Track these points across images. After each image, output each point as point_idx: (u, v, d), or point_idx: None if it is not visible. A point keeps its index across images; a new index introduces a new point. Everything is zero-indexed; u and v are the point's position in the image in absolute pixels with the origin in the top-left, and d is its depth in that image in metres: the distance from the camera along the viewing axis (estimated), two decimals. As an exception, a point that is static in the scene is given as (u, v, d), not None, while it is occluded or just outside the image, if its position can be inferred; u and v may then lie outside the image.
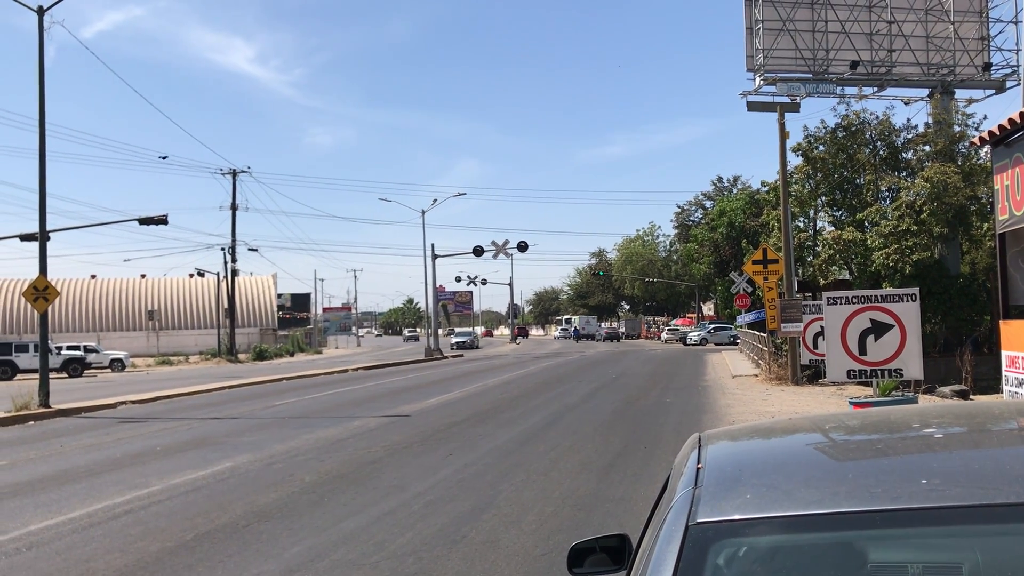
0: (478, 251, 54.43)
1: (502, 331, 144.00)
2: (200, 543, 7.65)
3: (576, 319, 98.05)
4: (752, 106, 28.90)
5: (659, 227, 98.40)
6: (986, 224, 31.99)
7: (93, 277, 77.21)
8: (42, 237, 22.17)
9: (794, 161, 35.69)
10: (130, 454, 13.47)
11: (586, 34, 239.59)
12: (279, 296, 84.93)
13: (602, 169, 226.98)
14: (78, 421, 19.26)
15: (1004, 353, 11.38)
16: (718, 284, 61.50)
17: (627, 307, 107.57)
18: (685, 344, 63.36)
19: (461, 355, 55.78)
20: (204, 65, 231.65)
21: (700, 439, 2.34)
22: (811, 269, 35.58)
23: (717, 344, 59.42)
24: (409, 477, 10.57)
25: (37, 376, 21.92)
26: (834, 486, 1.81)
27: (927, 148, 35.63)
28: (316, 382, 30.93)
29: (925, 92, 36.63)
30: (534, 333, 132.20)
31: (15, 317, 68.95)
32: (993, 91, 36.55)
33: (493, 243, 55.47)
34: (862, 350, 10.67)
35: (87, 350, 47.53)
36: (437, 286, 60.39)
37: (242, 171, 59.19)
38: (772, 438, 2.54)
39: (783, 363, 25.60)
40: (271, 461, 12.18)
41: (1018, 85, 35.95)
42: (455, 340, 69.56)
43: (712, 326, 65.57)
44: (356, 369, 39.02)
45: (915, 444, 2.24)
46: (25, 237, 27.09)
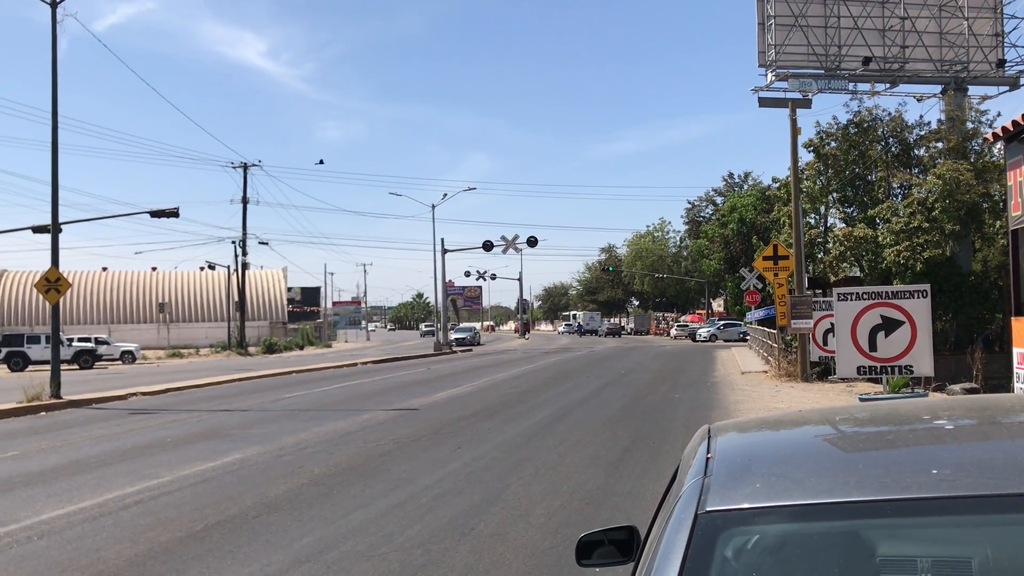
0: (488, 246, 54.43)
1: (508, 326, 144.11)
2: (210, 533, 7.69)
3: (580, 315, 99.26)
4: (764, 102, 28.82)
5: (669, 223, 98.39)
6: (998, 221, 31.81)
7: (104, 269, 77.55)
8: (54, 229, 22.27)
9: (805, 157, 35.58)
10: (140, 445, 13.53)
11: (598, 29, 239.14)
12: (289, 290, 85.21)
13: (613, 164, 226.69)
14: (89, 412, 19.36)
15: (1016, 350, 11.33)
16: (728, 280, 61.38)
17: (636, 303, 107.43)
18: (694, 340, 63.25)
19: (469, 350, 55.82)
20: (215, 59, 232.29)
21: (709, 431, 2.34)
22: (822, 266, 35.47)
23: (727, 340, 59.28)
24: (418, 470, 10.59)
25: (48, 367, 22.05)
26: (844, 475, 1.81)
27: (939, 145, 35.43)
28: (326, 375, 31.01)
29: (938, 89, 36.41)
30: (542, 328, 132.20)
31: (27, 309, 69.32)
32: (1007, 88, 36.28)
33: (503, 238, 55.44)
34: (872, 346, 10.63)
35: (98, 342, 47.77)
36: (446, 281, 60.43)
37: (253, 165, 59.30)
38: (781, 429, 2.53)
39: (793, 360, 25.54)
40: (281, 453, 12.22)
41: (1032, 82, 35.75)
42: (454, 336, 64.83)
43: (722, 322, 65.42)
44: (365, 363, 39.10)
45: (925, 435, 2.24)
46: (37, 229, 27.23)
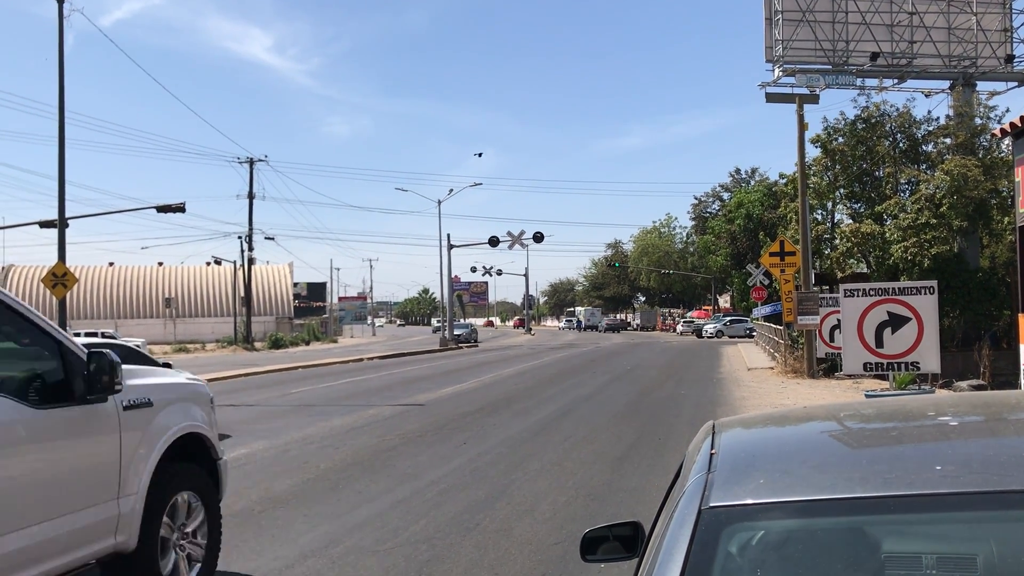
0: (494, 241, 54.45)
1: (509, 322, 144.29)
2: (216, 528, 7.70)
3: (581, 311, 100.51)
4: (771, 97, 28.78)
5: (676, 219, 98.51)
6: (1006, 218, 31.70)
7: (111, 264, 77.77)
8: (61, 224, 22.35)
9: (813, 153, 35.44)
10: (147, 440, 13.56)
11: (604, 24, 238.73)
12: (295, 285, 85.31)
13: (619, 160, 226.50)
14: (96, 407, 19.40)
15: (1023, 347, 11.30)
16: (734, 276, 61.29)
17: (643, 299, 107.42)
18: (700, 336, 63.23)
19: (475, 346, 55.84)
20: (222, 54, 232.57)
21: (714, 426, 2.34)
22: (828, 262, 35.36)
23: (733, 337, 59.24)
24: (423, 465, 10.61)
25: (56, 362, 22.12)
26: (848, 472, 1.81)
27: (948, 141, 35.29)
28: (332, 371, 31.06)
29: (946, 84, 36.25)
30: (548, 324, 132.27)
31: (34, 303, 69.49)
32: (1016, 83, 36.11)
33: (509, 233, 55.44)
34: (879, 343, 10.60)
35: (105, 337, 47.95)
36: (452, 276, 60.44)
37: (259, 160, 59.39)
38: (786, 425, 2.53)
39: (799, 356, 25.50)
40: (286, 448, 12.25)
41: (1041, 77, 35.59)
42: (456, 332, 60.72)
43: (728, 318, 65.39)
44: (371, 358, 39.15)
45: (930, 432, 2.23)
46: (44, 224, 27.34)
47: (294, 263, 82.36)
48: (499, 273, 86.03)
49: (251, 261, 59.28)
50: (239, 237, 59.15)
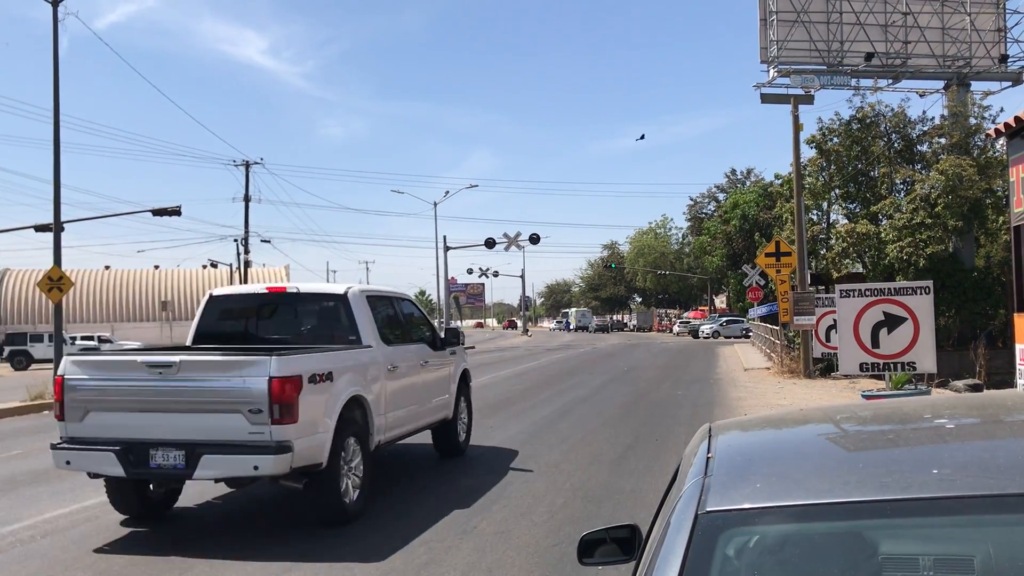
0: (490, 243, 54.43)
1: (494, 324, 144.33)
2: (213, 531, 7.70)
3: (573, 312, 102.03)
4: (766, 98, 28.77)
5: (672, 219, 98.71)
6: (1001, 217, 31.76)
7: (107, 268, 77.63)
8: (56, 228, 22.30)
9: (808, 153, 35.52)
10: (144, 443, 13.53)
11: (600, 26, 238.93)
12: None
13: (615, 161, 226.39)
14: (92, 411, 19.35)
15: (1019, 347, 11.32)
16: (730, 277, 61.34)
17: (639, 300, 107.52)
18: (697, 337, 63.28)
19: (472, 347, 55.72)
20: (217, 57, 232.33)
21: (710, 429, 2.34)
22: (824, 262, 35.42)
23: (729, 337, 59.30)
24: (420, 469, 10.59)
25: (52, 366, 22.09)
26: (844, 475, 1.81)
27: (942, 140, 35.35)
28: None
29: (941, 84, 36.32)
30: (544, 325, 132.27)
31: (30, 307, 69.40)
32: (1010, 83, 36.18)
33: (505, 235, 55.42)
34: (875, 343, 10.62)
35: (101, 340, 47.89)
36: (449, 278, 60.43)
37: (255, 163, 59.21)
38: (782, 428, 2.53)
39: (795, 356, 25.53)
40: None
41: (1035, 77, 35.66)
42: None
43: (724, 319, 65.45)
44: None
45: (926, 435, 2.24)
46: (40, 228, 27.26)
47: (290, 265, 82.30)
48: (495, 275, 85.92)
49: (247, 264, 59.20)
50: (235, 240, 59.08)
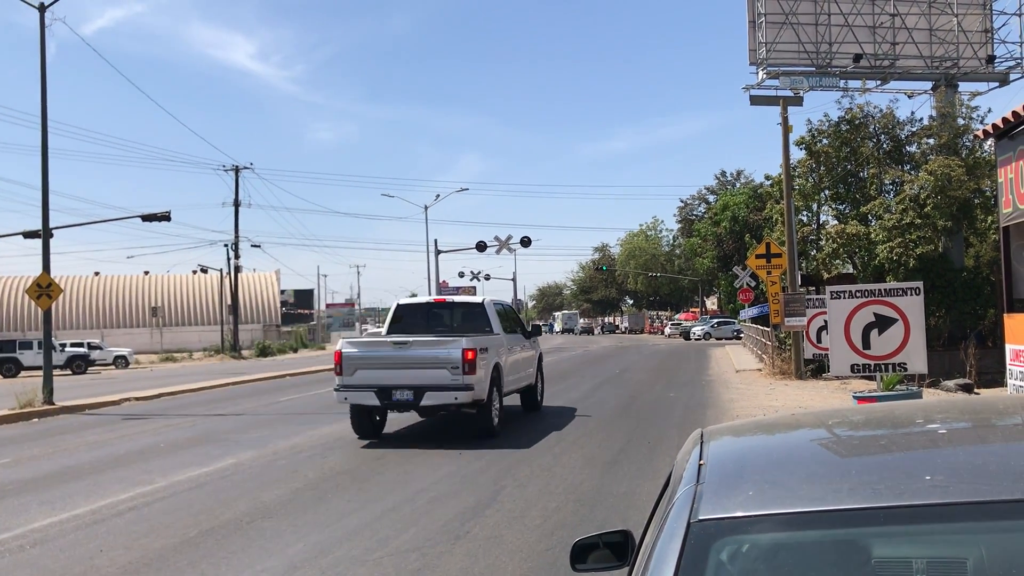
0: (481, 247, 54.43)
1: None
2: (203, 540, 7.67)
3: (559, 316, 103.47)
4: (755, 100, 28.87)
5: (662, 221, 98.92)
6: (990, 217, 31.90)
7: (96, 274, 77.37)
8: (45, 234, 22.19)
9: (797, 155, 35.58)
10: (134, 451, 13.49)
11: (589, 28, 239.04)
12: (282, 292, 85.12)
13: (605, 164, 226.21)
14: (82, 418, 19.28)
15: (1008, 347, 11.36)
16: (721, 278, 61.46)
17: (630, 302, 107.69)
18: (688, 339, 63.38)
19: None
20: (205, 61, 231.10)
21: (702, 435, 2.33)
22: (814, 263, 35.50)
23: (720, 339, 59.40)
24: (412, 473, 10.57)
25: (41, 373, 21.96)
26: (837, 483, 1.80)
27: (931, 141, 35.50)
28: (319, 378, 30.94)
29: (929, 85, 36.47)
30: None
31: (19, 314, 69.09)
32: (997, 84, 36.36)
33: (496, 238, 55.47)
34: (866, 344, 10.63)
35: (91, 347, 47.64)
36: (440, 282, 60.40)
37: (245, 167, 59.19)
38: (774, 434, 2.52)
39: (787, 357, 25.58)
40: (275, 457, 12.19)
41: (1022, 78, 35.85)
42: None
43: (715, 320, 65.57)
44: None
45: (919, 440, 2.23)
46: (28, 234, 27.12)
47: (281, 270, 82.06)
48: (487, 278, 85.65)
49: (238, 269, 59.04)
50: (225, 245, 58.95)
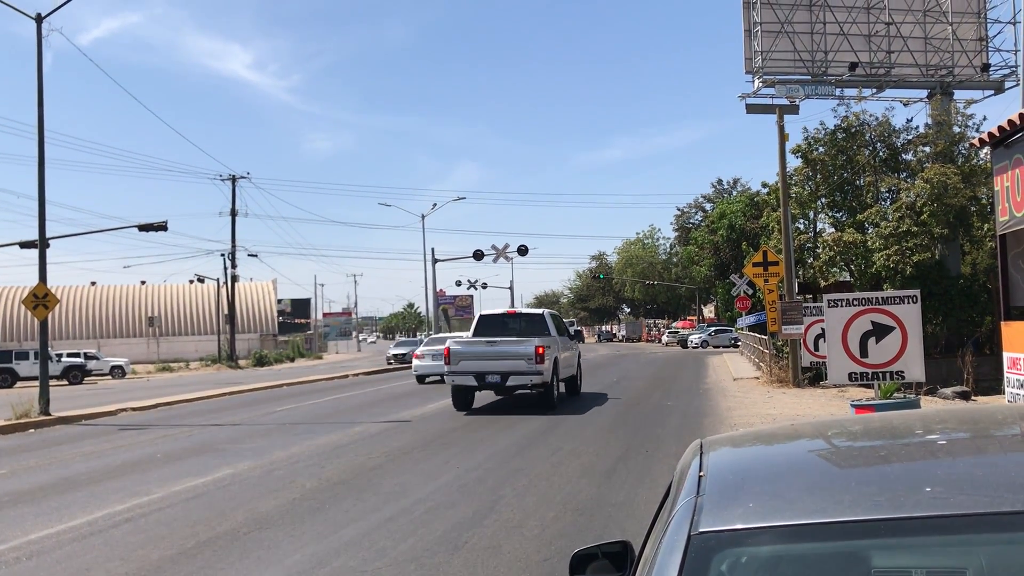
0: (478, 255, 54.38)
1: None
2: (201, 550, 7.63)
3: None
4: (751, 108, 28.92)
5: (659, 230, 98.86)
6: (987, 225, 31.99)
7: (93, 284, 77.27)
8: (41, 244, 22.16)
9: (794, 163, 35.72)
10: (131, 461, 13.44)
11: (585, 37, 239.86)
12: (279, 301, 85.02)
13: (602, 172, 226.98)
14: (79, 428, 19.23)
15: (1006, 355, 11.37)
16: (718, 286, 61.50)
17: (628, 310, 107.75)
18: (686, 347, 63.37)
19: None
20: (202, 71, 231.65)
21: (702, 446, 2.32)
22: (812, 271, 35.56)
23: (718, 347, 59.41)
24: (410, 483, 10.54)
25: (37, 384, 21.91)
26: (837, 494, 1.80)
27: (927, 149, 35.62)
28: (317, 388, 30.91)
29: (924, 93, 36.62)
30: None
31: (15, 324, 68.96)
32: (992, 92, 36.54)
33: (493, 247, 55.37)
34: (863, 352, 10.64)
35: (87, 357, 47.55)
36: (437, 290, 60.37)
37: (242, 177, 59.28)
38: (774, 444, 2.52)
39: (784, 365, 25.58)
40: (272, 468, 12.15)
41: (1017, 86, 35.95)
42: (393, 351, 48.06)
43: (713, 329, 65.59)
44: (356, 375, 39.00)
45: (918, 451, 2.23)
46: (25, 244, 27.08)
47: (278, 280, 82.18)
48: (484, 287, 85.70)
49: (234, 278, 59.03)
50: (222, 254, 58.97)
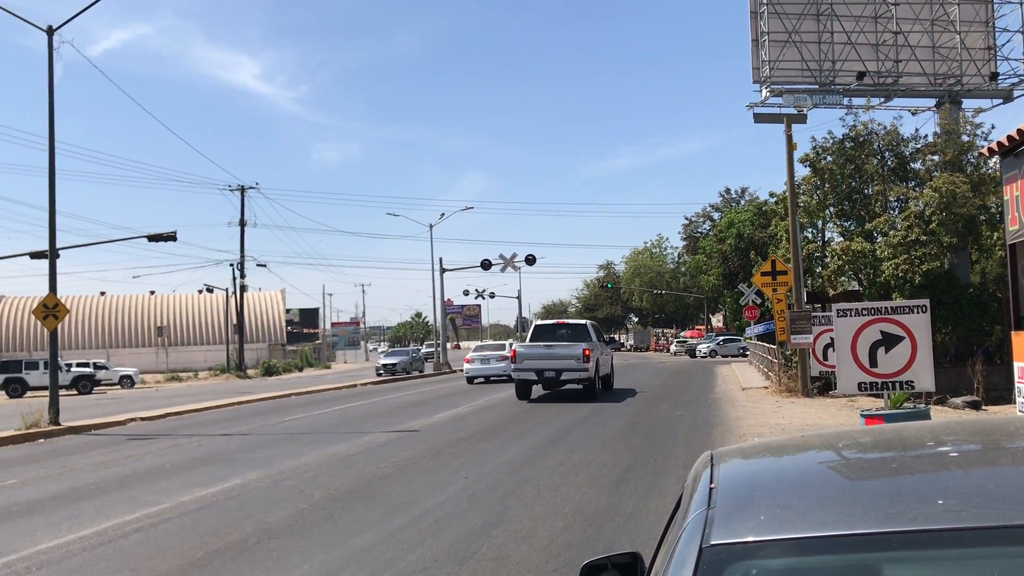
0: (486, 265, 54.46)
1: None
2: (210, 561, 7.64)
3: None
4: (759, 118, 28.93)
5: (667, 239, 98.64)
6: (996, 233, 31.87)
7: (102, 294, 77.53)
8: (52, 255, 22.26)
9: (802, 172, 35.65)
10: (140, 471, 13.47)
11: (592, 47, 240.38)
12: (288, 311, 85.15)
13: (609, 182, 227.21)
14: (88, 438, 19.28)
15: (1016, 364, 11.32)
16: (727, 296, 61.42)
17: (636, 319, 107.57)
18: (694, 356, 63.23)
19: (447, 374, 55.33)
20: (210, 82, 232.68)
21: (712, 457, 2.32)
22: (820, 280, 35.47)
23: (726, 356, 59.27)
24: (419, 493, 10.54)
25: (47, 393, 21.97)
26: (849, 507, 1.79)
27: (935, 158, 35.53)
28: (325, 397, 30.93)
29: (932, 102, 36.56)
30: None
31: (25, 334, 69.21)
32: (1001, 100, 36.44)
33: (501, 256, 55.53)
34: (873, 362, 10.60)
35: (97, 367, 47.71)
36: (445, 300, 60.42)
37: (250, 187, 59.54)
38: (785, 456, 2.51)
39: (793, 375, 25.50)
40: (281, 478, 12.16)
41: (1025, 94, 35.92)
42: (383, 361, 47.85)
43: (721, 338, 65.45)
44: (364, 384, 39.01)
45: (931, 463, 2.22)
46: (35, 255, 27.22)
47: (286, 289, 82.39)
48: (492, 296, 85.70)
49: (243, 288, 59.19)
50: (231, 264, 59.20)
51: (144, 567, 7.52)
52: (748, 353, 48.52)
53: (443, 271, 55.78)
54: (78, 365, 46.08)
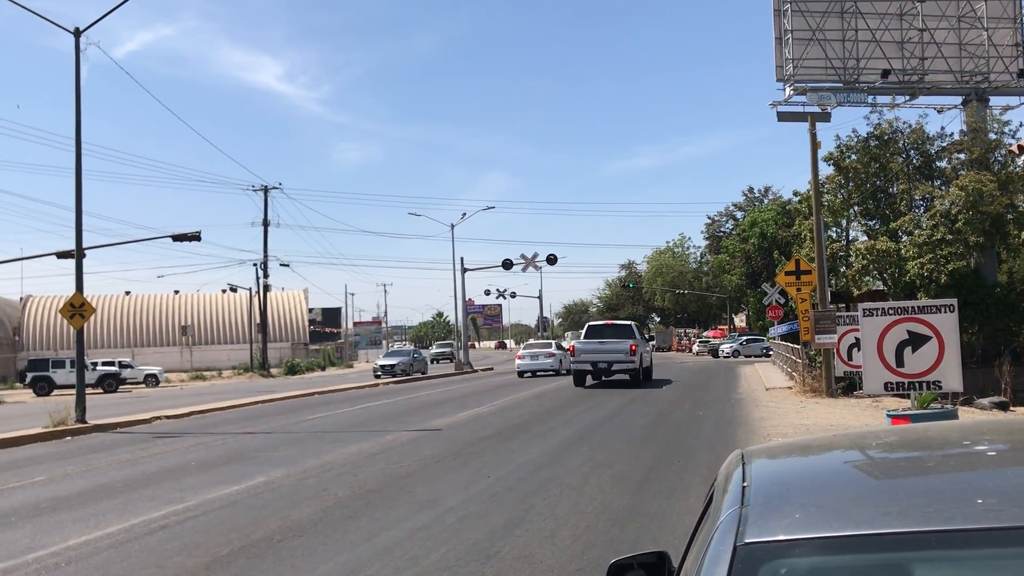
0: (507, 264, 54.46)
1: (489, 343, 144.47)
2: (235, 558, 7.69)
3: (569, 334, 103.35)
4: (782, 116, 28.75)
5: (689, 238, 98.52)
6: (1023, 232, 31.49)
7: (127, 293, 78.23)
8: (78, 255, 22.49)
9: (826, 171, 35.41)
10: (165, 469, 13.58)
11: (613, 46, 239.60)
12: (310, 311, 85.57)
13: (631, 181, 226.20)
14: (114, 436, 19.47)
15: (1046, 364, 11.16)
16: (750, 295, 61.10)
17: (657, 319, 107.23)
18: (716, 356, 62.91)
19: (491, 368, 55.59)
20: (233, 83, 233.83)
21: (743, 456, 2.30)
22: (844, 280, 35.21)
23: (749, 356, 58.90)
24: (442, 491, 10.55)
25: (74, 392, 22.21)
26: (885, 505, 1.77)
27: (962, 156, 35.18)
28: (348, 396, 31.05)
29: (959, 100, 36.19)
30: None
31: (52, 333, 69.96)
32: (1028, 98, 36.04)
33: (522, 256, 55.53)
34: (899, 362, 10.50)
35: (122, 366, 48.17)
36: (466, 300, 60.44)
37: (273, 187, 59.90)
38: (816, 455, 2.49)
39: (817, 375, 25.33)
40: (304, 476, 12.22)
41: (1054, 91, 35.47)
42: (381, 362, 46.65)
43: (744, 338, 65.08)
44: (387, 383, 39.14)
45: (965, 462, 2.19)
46: (62, 255, 27.52)
47: (309, 289, 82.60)
48: (513, 296, 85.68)
49: (266, 288, 59.57)
50: (254, 264, 59.62)
51: (170, 564, 7.58)
52: (771, 353, 48.23)
53: (464, 271, 55.83)
54: (104, 364, 46.56)
